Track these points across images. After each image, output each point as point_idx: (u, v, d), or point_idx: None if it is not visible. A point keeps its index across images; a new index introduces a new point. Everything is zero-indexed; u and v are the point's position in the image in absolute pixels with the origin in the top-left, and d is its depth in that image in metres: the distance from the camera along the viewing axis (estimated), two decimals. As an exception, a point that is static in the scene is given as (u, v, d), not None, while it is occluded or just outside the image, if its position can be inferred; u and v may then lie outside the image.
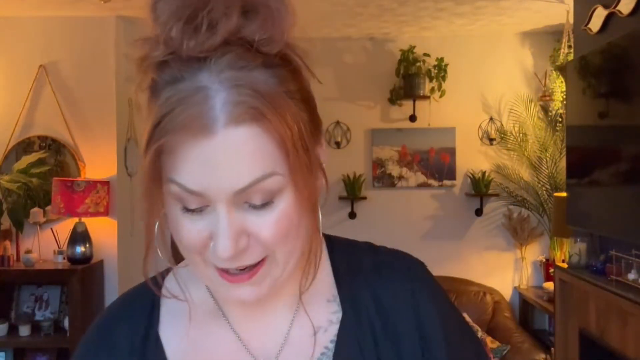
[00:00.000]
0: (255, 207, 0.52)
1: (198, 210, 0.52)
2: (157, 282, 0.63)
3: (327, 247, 0.67)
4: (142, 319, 0.64)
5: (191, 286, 0.64)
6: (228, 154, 0.49)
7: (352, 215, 4.40)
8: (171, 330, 0.64)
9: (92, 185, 3.56)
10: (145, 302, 0.65)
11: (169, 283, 0.64)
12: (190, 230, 0.53)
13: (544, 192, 4.21)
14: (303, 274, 0.59)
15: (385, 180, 4.44)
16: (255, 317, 0.63)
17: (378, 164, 4.45)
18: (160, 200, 0.54)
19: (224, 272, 0.54)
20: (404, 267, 0.66)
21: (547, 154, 4.21)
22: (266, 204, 0.52)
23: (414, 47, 4.27)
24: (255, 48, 0.50)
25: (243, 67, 0.50)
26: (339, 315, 0.63)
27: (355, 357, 0.61)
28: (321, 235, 0.65)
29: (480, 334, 3.86)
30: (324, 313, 0.63)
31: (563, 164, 3.61)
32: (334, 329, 0.62)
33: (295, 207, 0.53)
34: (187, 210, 0.52)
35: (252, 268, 0.54)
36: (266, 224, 0.52)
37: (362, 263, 0.66)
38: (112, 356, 0.64)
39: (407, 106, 4.40)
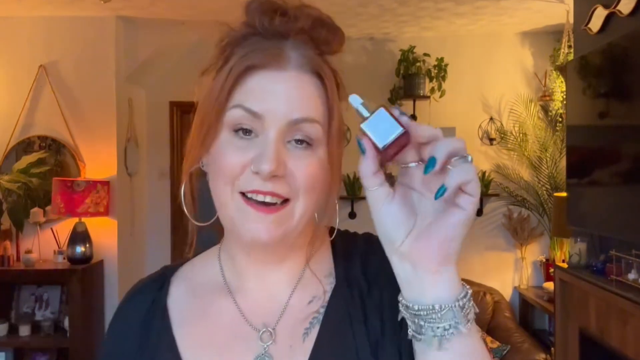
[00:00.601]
0: (296, 147, 0.62)
1: (247, 139, 0.61)
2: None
3: (329, 234, 0.74)
4: (153, 293, 0.73)
5: (202, 269, 0.74)
6: (291, 89, 0.61)
7: (352, 215, 4.40)
8: (178, 302, 0.72)
9: (92, 185, 3.56)
10: (158, 280, 0.75)
11: (182, 269, 0.76)
12: (234, 154, 0.62)
13: (544, 192, 4.21)
14: (311, 240, 0.69)
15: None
16: (259, 290, 0.70)
17: (378, 164, 4.45)
18: (214, 132, 0.63)
19: (253, 202, 0.61)
20: None
21: (547, 154, 4.21)
22: (306, 147, 0.62)
23: (414, 47, 4.27)
24: (318, 43, 0.65)
25: (311, 49, 0.64)
26: (333, 285, 0.69)
27: (342, 319, 0.66)
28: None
29: (480, 334, 3.86)
30: (321, 285, 0.70)
31: (563, 164, 3.61)
32: (327, 297, 0.69)
33: (325, 164, 0.63)
34: (237, 134, 0.62)
35: (277, 207, 0.62)
36: (301, 166, 0.61)
37: (357, 246, 0.72)
38: (127, 323, 0.72)
39: (407, 106, 4.40)
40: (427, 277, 0.55)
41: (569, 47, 3.60)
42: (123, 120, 3.96)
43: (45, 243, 3.70)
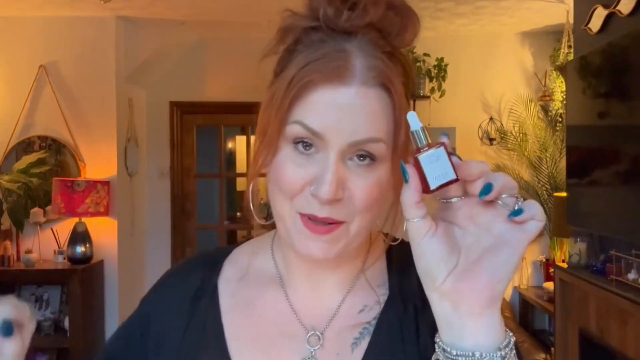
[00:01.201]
0: (358, 165, 0.58)
1: (306, 154, 0.58)
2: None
3: (384, 241, 0.72)
4: (203, 271, 0.72)
5: (255, 256, 0.73)
6: (356, 107, 0.57)
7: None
8: (228, 286, 0.71)
9: (92, 185, 3.57)
10: (212, 259, 0.74)
11: (234, 253, 0.74)
12: (294, 171, 0.59)
13: (544, 192, 4.21)
14: (368, 248, 0.68)
15: (385, 180, 4.43)
16: (309, 291, 0.68)
17: (378, 164, 4.45)
18: (275, 143, 0.60)
19: (309, 220, 0.59)
20: None
21: (547, 154, 4.21)
22: (368, 163, 0.58)
23: (414, 47, 4.26)
24: (389, 38, 0.59)
25: (379, 47, 0.59)
26: (386, 297, 0.67)
27: (394, 333, 0.65)
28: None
29: None
30: (373, 295, 0.68)
31: (563, 164, 3.61)
32: (379, 308, 0.67)
33: (386, 183, 0.60)
34: (297, 148, 0.59)
35: (332, 226, 0.59)
36: (362, 186, 0.58)
37: None
38: (175, 297, 0.71)
39: (407, 106, 4.40)
40: (469, 319, 0.51)
41: (569, 47, 3.60)
42: (123, 120, 3.96)
43: (45, 243, 3.70)
